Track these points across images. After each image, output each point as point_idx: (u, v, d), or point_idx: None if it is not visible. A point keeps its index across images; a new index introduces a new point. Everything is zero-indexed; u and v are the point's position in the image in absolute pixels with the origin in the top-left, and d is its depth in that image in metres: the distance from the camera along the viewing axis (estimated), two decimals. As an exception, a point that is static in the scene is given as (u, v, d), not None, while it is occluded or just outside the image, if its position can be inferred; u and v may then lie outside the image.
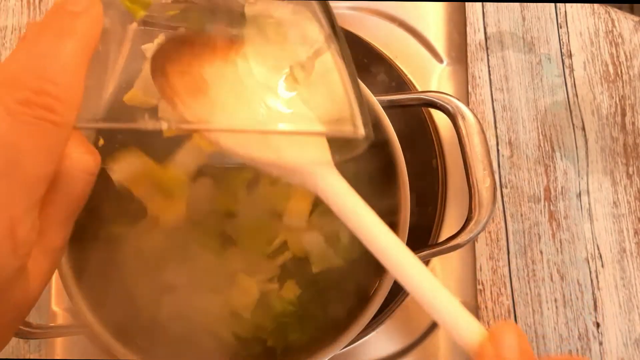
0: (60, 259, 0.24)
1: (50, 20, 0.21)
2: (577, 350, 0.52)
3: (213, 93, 0.27)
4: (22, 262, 0.21)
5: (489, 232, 0.54)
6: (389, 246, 0.25)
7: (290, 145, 0.27)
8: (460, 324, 0.24)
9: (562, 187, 0.55)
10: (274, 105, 0.27)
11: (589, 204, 0.55)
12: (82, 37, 0.21)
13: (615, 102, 0.57)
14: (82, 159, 0.22)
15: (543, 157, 0.56)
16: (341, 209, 0.26)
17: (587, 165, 0.55)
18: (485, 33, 0.58)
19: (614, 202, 0.55)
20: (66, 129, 0.20)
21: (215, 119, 0.27)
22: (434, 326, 0.50)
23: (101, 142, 0.35)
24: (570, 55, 0.58)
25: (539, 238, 0.54)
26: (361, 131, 0.26)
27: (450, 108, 0.41)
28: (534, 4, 0.59)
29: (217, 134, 0.27)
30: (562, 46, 0.58)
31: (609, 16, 0.59)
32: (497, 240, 0.54)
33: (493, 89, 0.57)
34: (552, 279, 0.53)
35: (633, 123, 0.56)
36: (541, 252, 0.54)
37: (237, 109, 0.27)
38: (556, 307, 0.53)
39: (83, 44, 0.21)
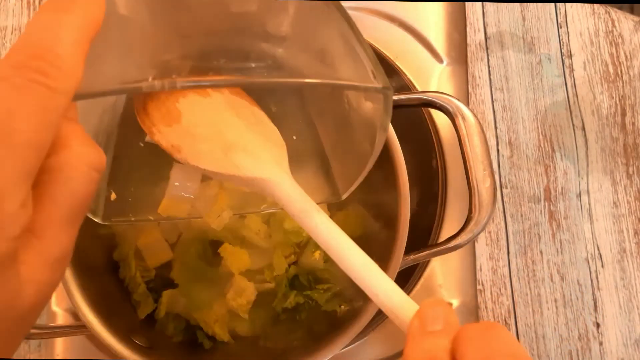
0: (63, 271, 0.21)
1: (48, 2, 0.21)
2: (577, 350, 0.52)
3: (185, 121, 0.30)
4: (9, 248, 0.18)
5: (489, 232, 0.54)
6: (333, 236, 0.28)
7: (247, 159, 0.30)
8: (395, 303, 0.26)
9: (562, 187, 0.55)
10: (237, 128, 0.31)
11: (589, 204, 0.55)
12: (80, 13, 0.21)
13: (615, 102, 0.57)
14: (85, 152, 0.21)
15: (543, 157, 0.56)
16: (293, 212, 0.29)
17: (587, 165, 0.55)
18: (485, 33, 0.58)
19: (614, 202, 0.55)
20: (62, 96, 0.19)
21: (186, 145, 0.30)
22: (434, 326, 0.50)
23: (113, 196, 0.35)
24: (570, 55, 0.58)
25: (539, 238, 0.54)
26: (380, 83, 0.27)
27: (450, 108, 0.41)
28: (534, 4, 0.59)
29: (185, 155, 0.30)
30: (562, 46, 0.58)
31: (609, 16, 0.59)
32: (497, 240, 0.54)
33: (493, 89, 0.57)
34: (552, 279, 0.53)
35: (633, 123, 0.56)
36: (541, 252, 0.54)
37: (206, 134, 0.31)
38: (556, 307, 0.52)
39: (81, 19, 0.20)
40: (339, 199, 0.35)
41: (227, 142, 0.31)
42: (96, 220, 0.31)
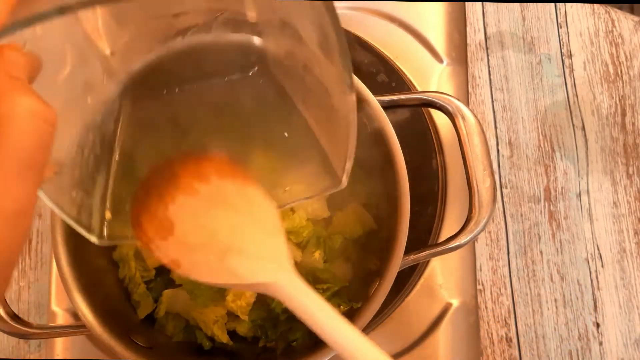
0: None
1: None
2: (577, 350, 0.52)
3: (178, 231, 0.30)
4: None
5: (489, 232, 0.54)
6: (341, 333, 0.29)
7: (244, 263, 0.29)
8: None
9: (562, 187, 0.55)
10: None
11: (589, 204, 0.55)
12: None
13: (615, 102, 0.57)
14: (33, 104, 0.20)
15: (543, 157, 0.56)
16: (296, 310, 0.28)
17: (587, 165, 0.55)
18: (485, 33, 0.58)
19: (614, 202, 0.55)
20: None
21: (183, 258, 0.30)
22: (433, 326, 0.50)
23: (108, 215, 0.33)
24: (570, 55, 0.58)
25: (539, 238, 0.54)
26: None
27: (450, 108, 0.41)
28: (534, 4, 0.59)
29: (184, 269, 0.30)
30: (562, 46, 0.58)
31: (609, 16, 0.59)
32: (497, 240, 0.54)
33: (493, 89, 0.57)
34: (552, 279, 0.53)
35: (633, 123, 0.56)
36: (541, 252, 0.54)
37: (200, 241, 0.30)
38: (556, 307, 0.53)
39: None
40: (339, 185, 0.33)
41: (221, 247, 0.30)
42: (91, 239, 0.31)
